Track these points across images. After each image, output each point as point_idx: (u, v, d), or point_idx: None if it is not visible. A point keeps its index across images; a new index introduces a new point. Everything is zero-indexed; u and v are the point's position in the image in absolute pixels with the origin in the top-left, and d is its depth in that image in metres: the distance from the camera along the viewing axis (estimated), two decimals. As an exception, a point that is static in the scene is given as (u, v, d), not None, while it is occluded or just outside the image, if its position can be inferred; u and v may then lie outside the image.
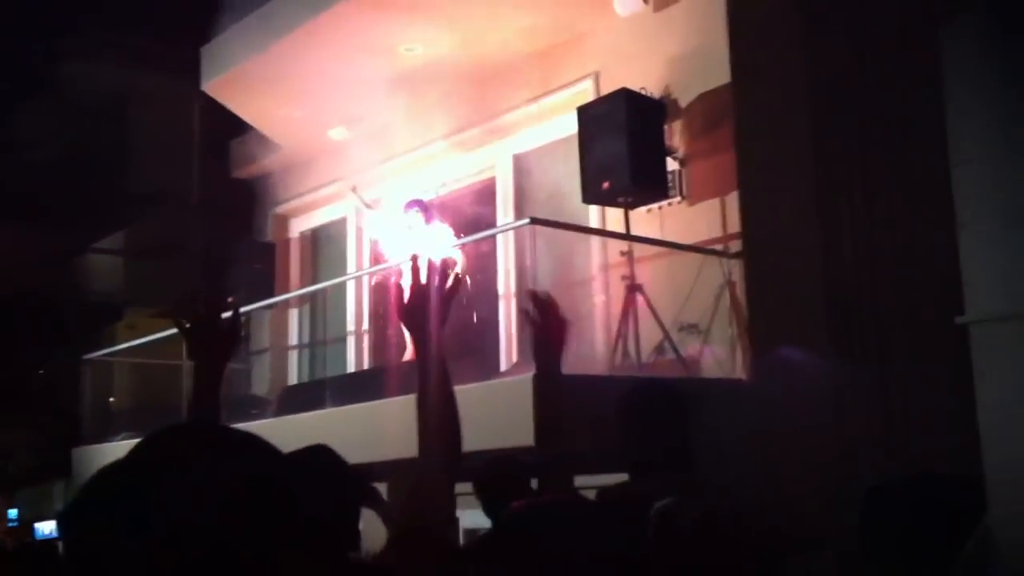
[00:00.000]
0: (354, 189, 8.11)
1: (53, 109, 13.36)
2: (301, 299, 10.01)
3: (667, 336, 6.26)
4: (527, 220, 6.30)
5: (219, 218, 10.95)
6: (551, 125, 7.95)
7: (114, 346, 9.61)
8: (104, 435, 8.86)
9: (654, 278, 6.49)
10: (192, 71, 9.54)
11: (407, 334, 6.40)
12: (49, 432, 9.69)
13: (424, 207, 7.40)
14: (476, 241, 7.33)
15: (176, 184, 11.86)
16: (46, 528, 11.15)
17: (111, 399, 9.74)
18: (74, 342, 10.70)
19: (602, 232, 7.03)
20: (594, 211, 7.24)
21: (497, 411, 5.64)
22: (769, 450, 5.64)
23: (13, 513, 11.61)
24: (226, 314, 2.50)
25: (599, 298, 7.11)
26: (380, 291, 8.06)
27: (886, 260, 6.57)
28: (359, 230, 9.76)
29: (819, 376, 6.41)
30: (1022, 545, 3.19)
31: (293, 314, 10.11)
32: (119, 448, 8.52)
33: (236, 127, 10.02)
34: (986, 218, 4.96)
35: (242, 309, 8.62)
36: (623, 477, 3.50)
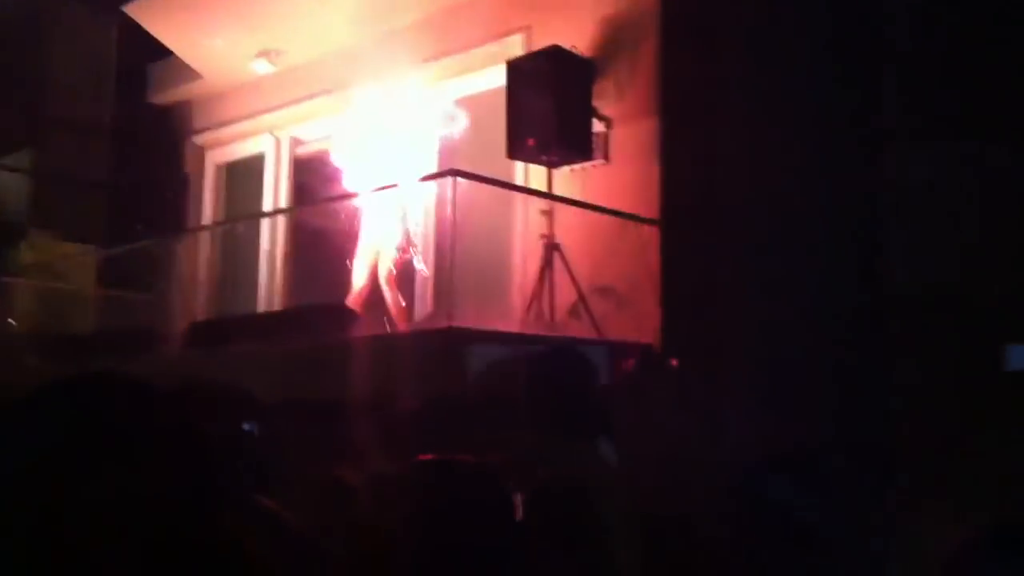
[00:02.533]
0: None
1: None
2: (213, 233, 9.83)
3: (582, 298, 6.33)
4: (448, 171, 6.27)
5: (133, 144, 10.64)
6: (479, 77, 7.89)
7: (16, 267, 9.34)
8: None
9: (573, 239, 6.55)
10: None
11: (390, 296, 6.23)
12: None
13: None
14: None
15: (90, 106, 11.46)
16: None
17: (11, 321, 9.46)
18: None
19: (524, 189, 7.05)
20: (518, 167, 7.24)
21: (410, 360, 5.67)
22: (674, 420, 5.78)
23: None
24: None
25: (517, 255, 7.15)
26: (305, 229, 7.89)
27: (799, 239, 6.77)
28: (277, 166, 9.60)
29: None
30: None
31: (204, 248, 9.93)
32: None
33: (156, 52, 9.71)
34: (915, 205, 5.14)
35: (152, 239, 8.47)
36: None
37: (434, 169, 7.20)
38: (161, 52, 9.68)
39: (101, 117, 11.37)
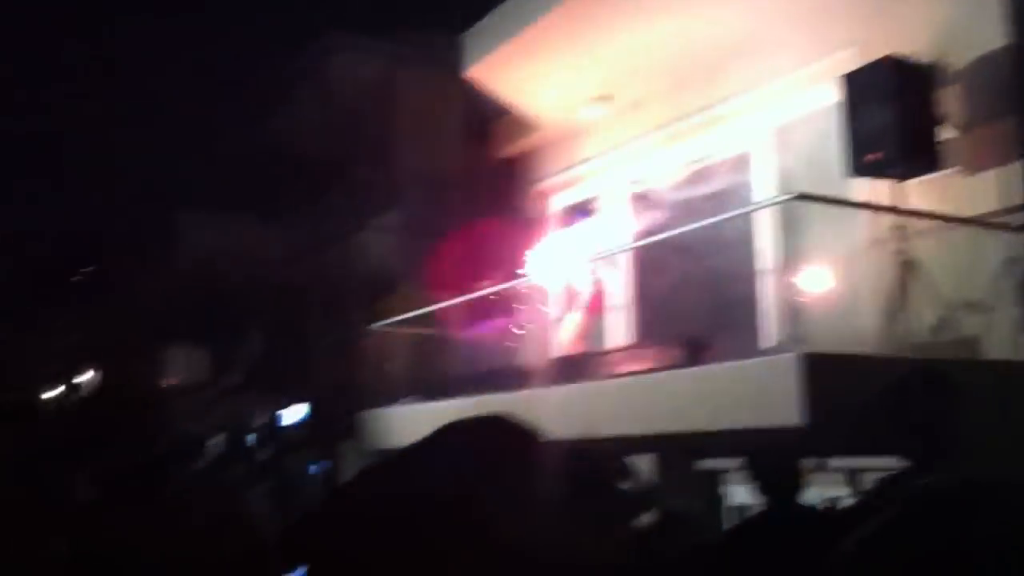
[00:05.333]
0: None
1: (328, 101, 14.48)
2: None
3: (945, 315, 6.01)
4: (794, 194, 6.20)
5: (484, 196, 11.45)
6: (811, 96, 7.76)
7: (390, 318, 10.31)
8: (387, 400, 9.56)
9: (929, 253, 6.24)
10: (456, 57, 10.03)
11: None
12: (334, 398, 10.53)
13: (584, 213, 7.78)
14: (734, 218, 7.30)
15: (443, 165, 12.52)
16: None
17: (390, 366, 10.45)
18: (354, 314, 11.59)
19: (871, 207, 6.81)
20: (859, 183, 7.02)
21: (759, 389, 5.65)
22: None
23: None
24: None
25: (869, 274, 6.92)
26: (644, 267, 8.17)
27: None
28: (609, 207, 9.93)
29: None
30: None
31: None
32: (404, 412, 9.20)
33: (498, 109, 10.44)
34: None
35: (508, 284, 9.08)
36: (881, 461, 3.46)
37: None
38: (503, 108, 10.39)
39: (454, 174, 12.38)
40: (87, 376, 18.06)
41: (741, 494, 5.67)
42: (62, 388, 16.69)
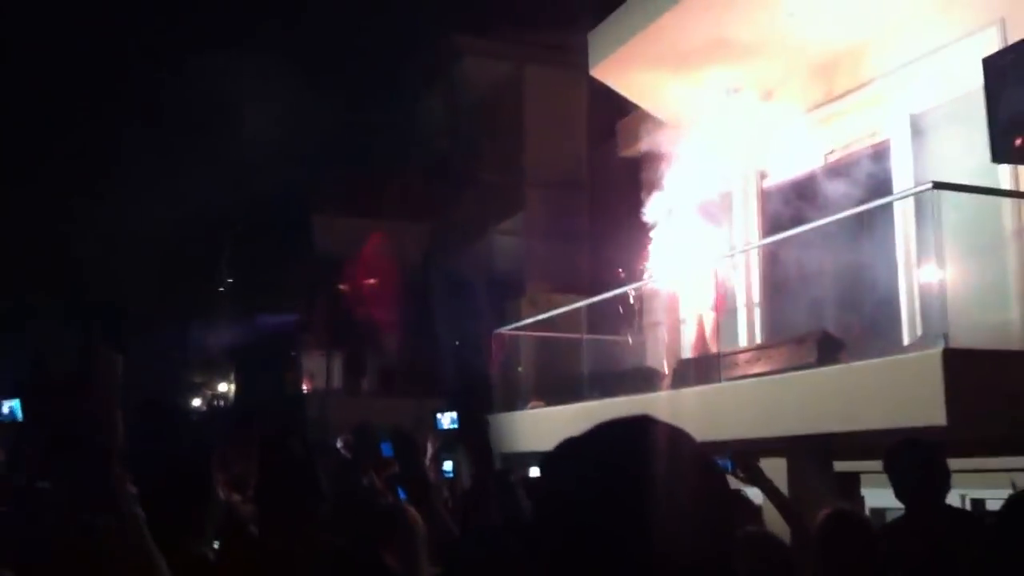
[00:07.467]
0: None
1: (451, 104, 14.65)
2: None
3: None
4: (928, 184, 5.92)
5: (608, 197, 11.37)
6: (951, 79, 7.40)
7: (518, 320, 10.34)
8: (513, 403, 9.59)
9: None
10: (581, 57, 9.99)
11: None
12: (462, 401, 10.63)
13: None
14: (871, 209, 7.03)
15: (567, 165, 12.50)
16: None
17: (519, 369, 10.49)
18: (484, 316, 11.69)
19: (1014, 194, 6.46)
20: (1004, 171, 6.67)
21: (901, 387, 5.40)
22: None
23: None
24: None
25: (1015, 266, 6.56)
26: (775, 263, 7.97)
27: None
28: (744, 200, 9.71)
29: None
30: None
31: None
32: (527, 417, 9.21)
33: (622, 108, 10.34)
34: None
35: (634, 285, 9.03)
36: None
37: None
38: (626, 108, 10.28)
39: (579, 176, 12.34)
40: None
41: (881, 497, 5.44)
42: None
